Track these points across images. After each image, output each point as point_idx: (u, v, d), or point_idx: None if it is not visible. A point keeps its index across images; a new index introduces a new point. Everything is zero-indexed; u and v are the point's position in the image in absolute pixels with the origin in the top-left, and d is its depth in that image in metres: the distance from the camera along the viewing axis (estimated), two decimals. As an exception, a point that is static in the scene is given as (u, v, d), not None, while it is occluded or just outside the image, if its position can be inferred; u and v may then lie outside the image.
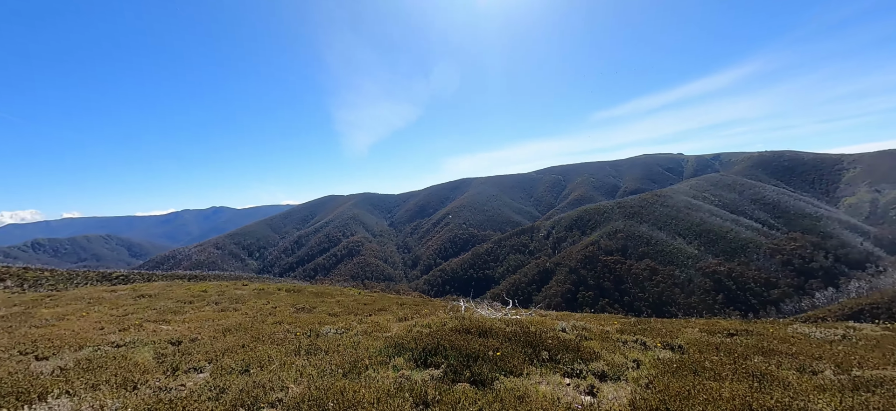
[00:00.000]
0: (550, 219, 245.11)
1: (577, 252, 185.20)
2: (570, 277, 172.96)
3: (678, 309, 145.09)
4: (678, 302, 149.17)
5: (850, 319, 75.71)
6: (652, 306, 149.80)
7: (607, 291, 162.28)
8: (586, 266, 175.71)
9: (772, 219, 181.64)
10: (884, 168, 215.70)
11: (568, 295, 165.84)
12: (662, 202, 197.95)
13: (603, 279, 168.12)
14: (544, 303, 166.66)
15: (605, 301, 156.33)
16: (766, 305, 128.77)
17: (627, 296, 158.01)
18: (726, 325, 13.18)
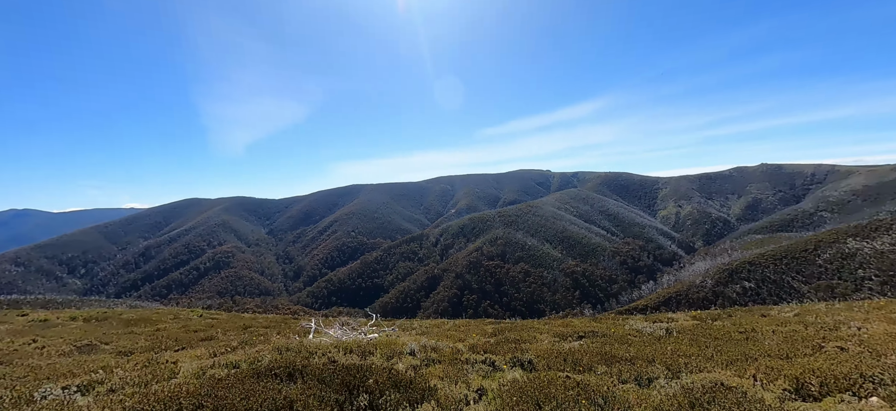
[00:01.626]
0: (439, 226, 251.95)
1: (463, 258, 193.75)
2: (457, 282, 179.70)
3: (546, 306, 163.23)
4: (546, 299, 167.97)
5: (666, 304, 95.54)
6: (526, 304, 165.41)
7: (489, 293, 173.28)
8: (471, 271, 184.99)
9: (613, 228, 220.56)
10: (683, 189, 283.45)
11: (454, 299, 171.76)
12: (534, 212, 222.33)
13: (485, 282, 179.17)
14: (432, 309, 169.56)
15: (487, 303, 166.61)
16: (610, 297, 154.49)
17: (506, 297, 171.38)
18: (578, 326, 13.93)
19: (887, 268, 75.69)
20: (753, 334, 9.17)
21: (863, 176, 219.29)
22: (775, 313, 13.02)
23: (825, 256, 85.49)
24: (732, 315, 13.30)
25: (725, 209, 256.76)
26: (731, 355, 6.79)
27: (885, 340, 6.95)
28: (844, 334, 7.97)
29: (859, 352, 6.14)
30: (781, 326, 9.93)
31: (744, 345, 7.45)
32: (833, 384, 4.85)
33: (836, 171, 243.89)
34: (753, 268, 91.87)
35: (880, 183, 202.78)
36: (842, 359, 5.72)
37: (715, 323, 11.42)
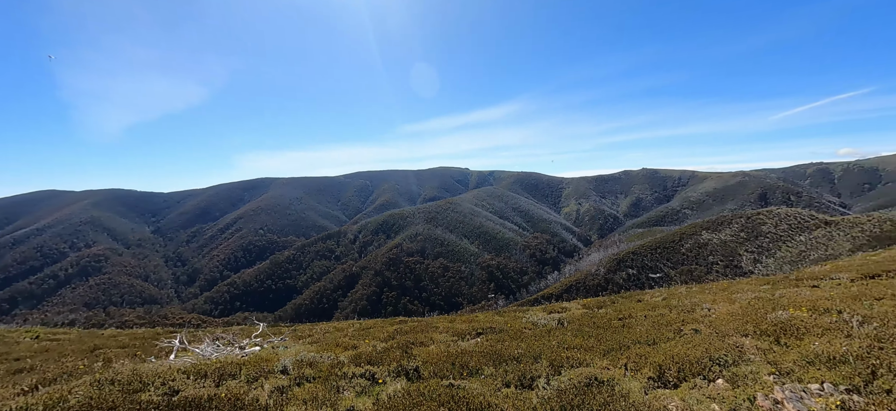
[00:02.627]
0: (358, 223, 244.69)
1: (383, 255, 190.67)
2: (376, 280, 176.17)
3: (463, 299, 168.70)
4: (464, 293, 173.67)
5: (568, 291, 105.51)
6: (444, 299, 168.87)
7: (409, 290, 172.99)
8: (390, 268, 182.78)
9: (524, 223, 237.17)
10: (582, 189, 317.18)
11: (373, 297, 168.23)
12: (453, 209, 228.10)
13: (405, 279, 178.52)
14: (350, 308, 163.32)
15: (407, 299, 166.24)
16: (521, 288, 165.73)
17: (425, 292, 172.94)
18: (480, 321, 14.02)
19: (728, 254, 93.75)
20: (629, 320, 10.00)
21: (713, 181, 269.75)
22: (648, 298, 14.65)
23: (686, 246, 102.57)
24: (615, 301, 14.65)
25: (615, 207, 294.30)
26: (608, 344, 7.15)
27: (728, 320, 7.96)
28: (698, 316, 9.04)
29: (709, 334, 6.86)
30: (652, 311, 11.05)
31: (620, 333, 7.96)
32: (688, 369, 5.23)
33: (695, 176, 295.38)
34: (635, 257, 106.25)
35: (725, 186, 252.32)
36: (696, 342, 6.28)
37: (600, 311, 12.35)
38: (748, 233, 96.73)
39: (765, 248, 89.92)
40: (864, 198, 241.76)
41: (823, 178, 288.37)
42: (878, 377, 3.94)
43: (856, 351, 4.72)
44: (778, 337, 6.10)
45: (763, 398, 4.01)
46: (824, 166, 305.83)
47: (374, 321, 18.48)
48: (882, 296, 8.52)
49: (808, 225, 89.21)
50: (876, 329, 5.75)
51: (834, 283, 13.35)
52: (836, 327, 6.02)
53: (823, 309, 7.54)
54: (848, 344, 5.17)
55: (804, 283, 13.83)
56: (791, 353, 5.25)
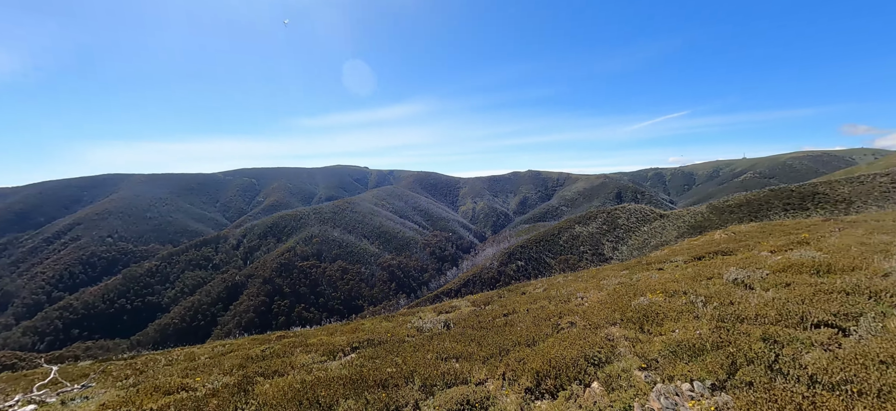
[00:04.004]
0: (242, 226, 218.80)
1: (273, 260, 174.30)
2: (265, 288, 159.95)
3: (364, 301, 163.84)
4: (364, 295, 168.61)
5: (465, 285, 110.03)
6: (344, 303, 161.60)
7: (303, 296, 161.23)
8: (282, 274, 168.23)
9: (424, 222, 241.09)
10: (478, 188, 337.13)
11: (262, 308, 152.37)
12: (352, 209, 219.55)
13: (299, 285, 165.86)
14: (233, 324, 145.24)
15: (302, 307, 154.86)
16: (421, 286, 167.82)
17: (322, 298, 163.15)
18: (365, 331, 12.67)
19: (595, 244, 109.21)
20: (513, 316, 9.86)
21: (583, 182, 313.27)
22: (531, 289, 15.18)
23: (563, 238, 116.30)
24: (502, 296, 14.80)
25: (506, 204, 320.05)
26: (489, 349, 6.61)
27: (599, 308, 8.20)
28: (574, 306, 9.25)
29: (583, 327, 6.80)
30: (534, 303, 11.18)
31: (502, 334, 7.57)
32: (564, 374, 4.86)
33: (570, 178, 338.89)
34: (523, 250, 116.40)
35: (592, 187, 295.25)
36: (572, 339, 6.07)
37: (487, 308, 12.16)
38: (609, 225, 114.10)
39: (621, 238, 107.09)
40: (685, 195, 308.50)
41: (659, 180, 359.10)
42: (738, 368, 3.96)
43: (708, 336, 4.89)
44: (642, 324, 6.26)
45: (639, 408, 3.72)
46: (659, 171, 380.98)
47: (240, 341, 15.54)
48: (711, 275, 9.86)
49: (650, 217, 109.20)
50: (716, 308, 6.28)
51: (674, 265, 15.58)
52: (687, 309, 6.45)
53: (673, 291, 8.27)
54: (699, 326, 5.43)
55: (653, 267, 15.87)
56: (656, 342, 5.31)
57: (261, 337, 17.04)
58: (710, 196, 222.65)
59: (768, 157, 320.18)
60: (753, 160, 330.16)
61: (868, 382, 3.29)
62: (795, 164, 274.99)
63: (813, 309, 5.25)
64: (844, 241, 11.67)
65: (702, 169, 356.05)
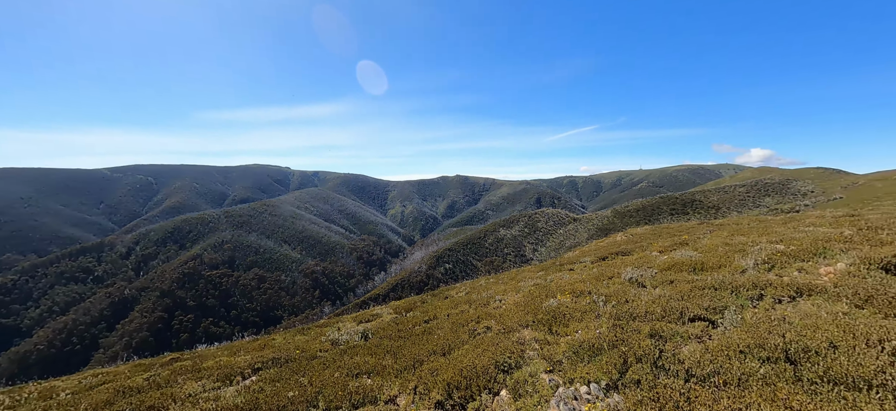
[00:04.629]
0: (134, 232, 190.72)
1: (174, 270, 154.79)
2: (163, 303, 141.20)
3: (284, 312, 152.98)
4: (284, 304, 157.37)
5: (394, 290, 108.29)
6: (260, 314, 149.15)
7: (212, 309, 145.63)
8: (186, 285, 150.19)
9: (351, 225, 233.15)
10: (407, 191, 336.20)
11: (159, 325, 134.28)
12: (271, 212, 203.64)
13: (206, 296, 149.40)
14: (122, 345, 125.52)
15: (209, 321, 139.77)
16: (347, 292, 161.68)
17: (235, 310, 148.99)
18: (274, 347, 11.52)
19: (517, 246, 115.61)
20: (433, 322, 9.73)
21: (507, 187, 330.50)
22: (454, 293, 15.27)
23: (489, 241, 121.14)
24: (425, 301, 14.65)
25: (435, 208, 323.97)
26: (405, 360, 6.34)
27: (514, 311, 8.42)
28: (492, 309, 9.41)
29: (498, 332, 6.89)
30: (455, 308, 11.19)
31: (420, 343, 7.36)
32: (475, 383, 4.80)
33: (495, 183, 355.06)
34: (451, 253, 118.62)
35: (515, 192, 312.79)
36: (486, 345, 6.08)
37: (408, 315, 11.88)
38: (530, 228, 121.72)
39: (540, 240, 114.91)
40: (594, 201, 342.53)
41: (573, 187, 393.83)
42: (629, 367, 4.24)
43: (606, 335, 5.23)
44: (550, 326, 6.53)
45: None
46: (573, 178, 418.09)
47: (118, 369, 13.08)
48: (612, 275, 10.82)
49: (565, 221, 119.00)
50: (614, 307, 6.80)
51: (582, 266, 16.92)
52: (590, 309, 6.90)
53: (580, 291, 8.85)
54: (599, 325, 5.80)
55: (565, 268, 17.07)
56: (562, 343, 5.55)
57: (147, 362, 14.60)
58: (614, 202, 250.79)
59: (659, 169, 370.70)
60: (648, 171, 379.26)
61: (731, 372, 3.73)
62: (679, 176, 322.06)
63: (690, 305, 5.95)
64: (714, 242, 13.70)
65: (608, 178, 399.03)
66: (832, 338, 4.07)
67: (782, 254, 9.27)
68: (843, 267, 7.56)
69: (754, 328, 4.76)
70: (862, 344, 3.88)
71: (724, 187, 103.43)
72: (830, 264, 8.12)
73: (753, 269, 8.37)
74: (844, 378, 3.44)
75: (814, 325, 4.48)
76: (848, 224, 14.30)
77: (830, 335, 4.14)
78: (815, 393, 3.30)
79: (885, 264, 7.18)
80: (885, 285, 5.68)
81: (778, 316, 5.17)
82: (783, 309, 5.54)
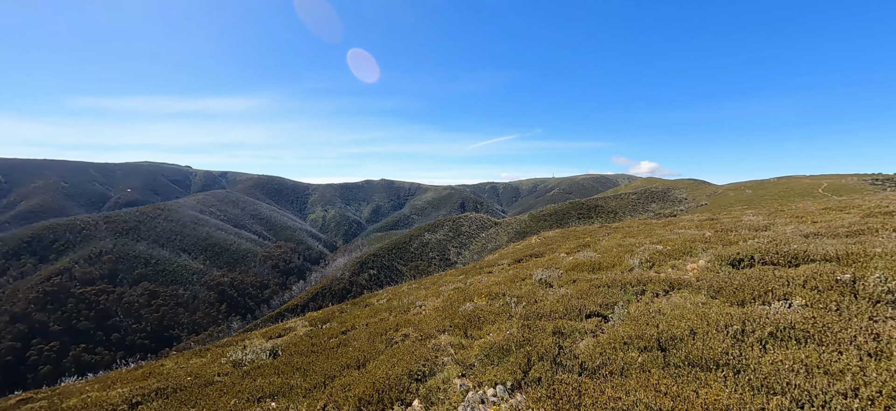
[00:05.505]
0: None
1: (30, 289, 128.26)
2: (14, 330, 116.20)
3: (182, 330, 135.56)
4: (182, 322, 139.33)
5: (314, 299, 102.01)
6: (151, 336, 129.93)
7: (84, 334, 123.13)
8: (49, 306, 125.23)
9: (265, 231, 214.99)
10: (329, 195, 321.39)
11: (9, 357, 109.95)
12: (166, 216, 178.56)
13: (77, 319, 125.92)
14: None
15: (81, 348, 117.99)
16: (261, 304, 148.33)
17: (117, 332, 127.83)
18: (165, 373, 9.98)
19: (442, 249, 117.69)
20: (351, 332, 9.36)
21: (432, 192, 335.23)
22: (375, 301, 14.91)
23: (414, 245, 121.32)
24: (344, 311, 14.04)
25: (359, 213, 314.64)
26: (316, 378, 5.95)
27: (433, 316, 8.48)
28: (412, 317, 9.36)
29: (415, 339, 6.86)
30: (374, 316, 10.91)
31: (334, 356, 6.99)
32: (387, 396, 4.69)
33: (420, 188, 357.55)
34: (376, 259, 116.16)
35: (440, 197, 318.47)
36: (401, 354, 6.00)
37: (325, 327, 11.26)
38: (454, 232, 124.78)
39: (464, 243, 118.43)
40: (513, 205, 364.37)
41: (494, 192, 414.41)
42: (531, 366, 4.51)
43: (516, 336, 5.53)
44: (466, 329, 6.71)
45: (448, 424, 3.82)
46: (494, 184, 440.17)
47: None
48: (525, 276, 11.55)
49: (487, 225, 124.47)
50: (524, 307, 7.25)
51: (500, 268, 17.79)
52: (504, 311, 7.25)
53: (495, 293, 9.26)
54: (510, 327, 6.12)
55: (484, 271, 17.78)
56: (475, 347, 5.72)
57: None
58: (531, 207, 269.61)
59: (569, 177, 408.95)
60: (560, 179, 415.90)
61: (616, 362, 4.21)
62: (585, 183, 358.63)
63: (587, 302, 6.59)
64: (610, 244, 15.46)
65: (526, 184, 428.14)
66: (693, 326, 4.83)
67: (661, 253, 10.81)
68: (704, 263, 9.08)
69: (636, 320, 5.45)
70: (713, 329, 4.67)
71: (621, 194, 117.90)
72: (695, 261, 9.69)
73: (639, 268, 9.61)
74: (700, 360, 4.11)
75: (680, 315, 5.29)
76: (708, 226, 17.25)
77: (692, 323, 4.92)
78: (678, 376, 3.87)
79: (732, 260, 8.80)
80: (731, 278, 6.94)
81: (655, 309, 5.99)
82: (659, 303, 6.43)
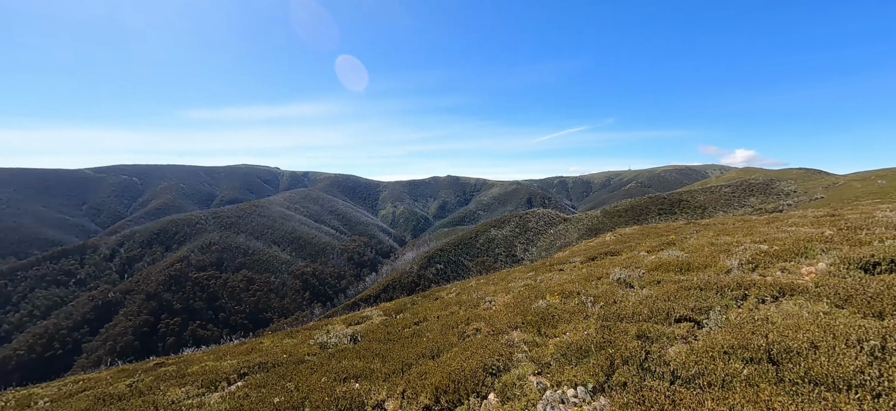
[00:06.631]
0: (118, 233, 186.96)
1: (159, 273, 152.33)
2: (148, 306, 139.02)
3: (273, 313, 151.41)
4: (274, 306, 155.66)
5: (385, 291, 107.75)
6: (249, 316, 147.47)
7: (199, 312, 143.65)
8: (172, 288, 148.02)
9: (342, 226, 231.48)
10: (398, 192, 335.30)
11: (144, 329, 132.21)
12: (260, 212, 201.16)
13: (193, 299, 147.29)
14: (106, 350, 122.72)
15: (196, 324, 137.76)
16: (338, 293, 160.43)
17: (223, 312, 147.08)
18: (262, 351, 11.33)
19: (508, 246, 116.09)
20: (423, 324, 9.69)
21: (498, 188, 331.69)
22: (444, 295, 15.24)
23: (480, 241, 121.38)
24: (415, 303, 14.59)
25: (426, 209, 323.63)
26: (393, 364, 6.30)
27: (504, 312, 8.42)
28: (481, 311, 9.41)
29: (487, 334, 6.88)
30: (444, 309, 11.16)
31: (409, 346, 7.32)
32: (463, 387, 4.78)
33: (486, 184, 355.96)
34: (442, 254, 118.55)
35: (506, 192, 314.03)
36: (474, 348, 6.06)
37: (398, 317, 11.82)
38: (521, 228, 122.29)
39: (531, 240, 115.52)
40: (584, 201, 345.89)
41: (563, 187, 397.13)
42: (615, 369, 4.26)
43: (594, 337, 5.26)
44: (539, 327, 6.54)
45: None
46: (563, 179, 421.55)
47: (100, 375, 12.77)
48: (600, 275, 10.91)
49: (555, 221, 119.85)
50: (602, 308, 6.85)
51: (572, 266, 17.02)
52: (579, 310, 6.94)
53: (569, 292, 8.90)
54: (587, 327, 5.83)
55: (555, 268, 17.16)
56: (550, 345, 5.57)
57: (130, 367, 14.27)
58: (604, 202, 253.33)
59: (647, 169, 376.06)
60: (637, 171, 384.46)
61: (715, 373, 3.78)
62: (667, 176, 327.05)
63: (676, 305, 6.01)
64: (700, 242, 13.91)
65: (597, 178, 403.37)
66: (813, 339, 4.15)
67: (766, 254, 9.44)
68: (824, 266, 7.73)
69: (738, 328, 4.84)
70: (842, 344, 3.96)
71: (711, 187, 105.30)
72: (812, 264, 8.30)
73: (738, 269, 8.51)
74: (825, 378, 3.51)
75: (796, 325, 4.57)
76: (829, 224, 14.65)
77: (812, 335, 4.22)
78: (796, 394, 3.35)
79: (864, 264, 7.37)
80: (863, 285, 5.82)
81: (761, 317, 5.25)
82: (766, 310, 5.63)
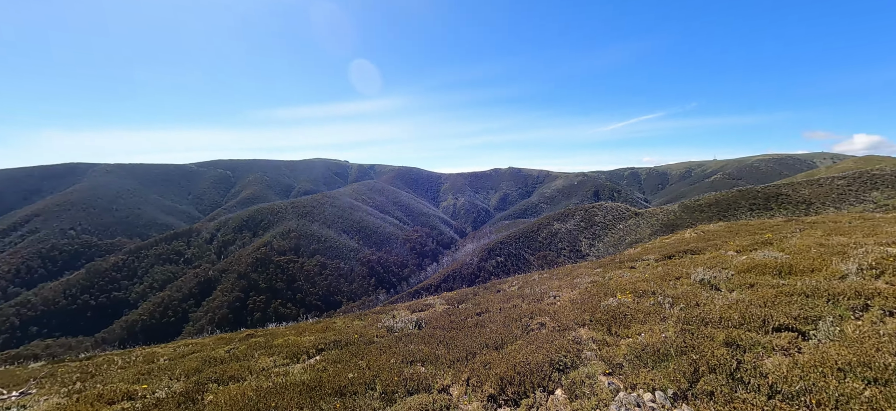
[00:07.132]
0: (216, 220, 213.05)
1: (248, 255, 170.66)
2: (239, 284, 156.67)
3: (343, 297, 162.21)
4: (343, 290, 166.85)
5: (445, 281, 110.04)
6: (322, 298, 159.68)
7: (280, 292, 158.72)
8: (258, 269, 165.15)
9: (405, 217, 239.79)
10: (459, 184, 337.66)
11: (236, 304, 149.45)
12: (331, 203, 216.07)
13: (275, 280, 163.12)
14: (206, 320, 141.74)
15: (278, 302, 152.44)
16: (401, 281, 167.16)
17: (300, 293, 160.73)
18: (335, 330, 12.26)
19: (572, 240, 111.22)
20: (485, 315, 9.73)
21: (562, 180, 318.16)
22: (506, 287, 15.13)
23: (542, 234, 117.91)
24: (477, 293, 14.67)
25: (487, 201, 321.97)
26: (457, 352, 6.44)
27: (569, 308, 8.14)
28: (546, 305, 9.19)
29: (552, 329, 6.71)
30: (507, 302, 11.08)
31: (472, 335, 7.41)
32: (529, 380, 4.73)
33: (549, 175, 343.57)
34: (503, 246, 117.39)
35: (570, 185, 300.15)
36: (539, 342, 5.96)
37: (460, 307, 12.00)
38: (586, 222, 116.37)
39: (597, 235, 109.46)
40: (658, 194, 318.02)
41: (634, 179, 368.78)
42: (700, 376, 3.90)
43: (673, 340, 4.85)
44: (610, 326, 6.21)
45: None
46: (635, 170, 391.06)
47: (205, 341, 14.88)
48: (679, 275, 10.00)
49: (625, 215, 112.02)
50: (682, 310, 6.30)
51: (645, 264, 15.84)
52: (654, 311, 6.45)
53: (642, 291, 8.31)
54: (665, 329, 5.40)
55: (625, 265, 16.10)
56: (622, 345, 5.26)
57: (227, 336, 16.37)
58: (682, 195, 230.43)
59: (736, 159, 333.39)
60: (723, 161, 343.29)
61: (827, 391, 3.27)
62: (761, 166, 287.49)
63: (774, 312, 5.30)
64: (805, 242, 12.09)
65: (675, 169, 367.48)
66: (965, 362, 3.40)
67: (895, 258, 7.92)
68: (982, 276, 6.28)
69: (857, 343, 4.13)
70: None
71: (819, 179, 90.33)
72: (963, 272, 6.78)
73: (856, 275, 7.25)
74: (981, 410, 2.87)
75: (938, 344, 3.78)
76: None
77: (962, 357, 3.47)
78: (938, 425, 2.79)
79: None
80: None
81: (888, 332, 4.44)
82: (894, 324, 4.74)
